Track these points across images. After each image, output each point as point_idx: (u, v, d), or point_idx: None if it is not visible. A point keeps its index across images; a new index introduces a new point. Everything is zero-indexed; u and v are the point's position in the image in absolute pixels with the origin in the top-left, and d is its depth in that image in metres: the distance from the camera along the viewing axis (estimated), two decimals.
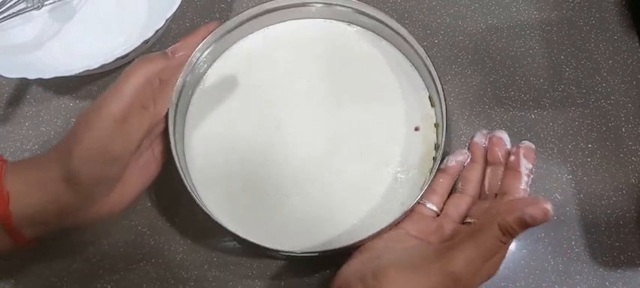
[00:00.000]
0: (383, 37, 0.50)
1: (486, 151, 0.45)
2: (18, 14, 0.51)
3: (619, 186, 0.48)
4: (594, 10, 0.54)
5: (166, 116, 0.43)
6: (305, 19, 0.51)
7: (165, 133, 0.44)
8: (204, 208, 0.42)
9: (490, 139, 0.45)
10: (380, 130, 0.48)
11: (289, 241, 0.44)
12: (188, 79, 0.46)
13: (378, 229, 0.41)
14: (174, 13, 0.47)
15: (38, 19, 0.54)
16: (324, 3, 0.50)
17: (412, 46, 0.48)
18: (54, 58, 0.52)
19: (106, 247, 0.47)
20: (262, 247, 0.42)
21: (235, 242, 0.46)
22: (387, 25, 0.49)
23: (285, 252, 0.43)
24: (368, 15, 0.49)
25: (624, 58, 0.52)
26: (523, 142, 0.43)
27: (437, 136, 0.47)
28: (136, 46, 0.46)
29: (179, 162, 0.44)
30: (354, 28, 0.51)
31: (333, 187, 0.46)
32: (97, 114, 0.38)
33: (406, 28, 0.48)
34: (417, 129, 0.47)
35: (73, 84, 0.52)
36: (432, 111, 0.48)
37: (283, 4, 0.49)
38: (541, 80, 0.52)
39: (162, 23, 0.46)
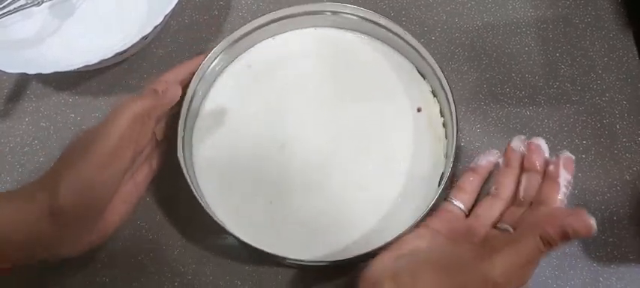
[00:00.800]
0: (383, 41, 0.51)
1: (523, 156, 0.44)
2: (18, 10, 0.51)
3: (613, 182, 0.48)
4: (590, 7, 0.54)
5: (173, 126, 0.44)
6: (308, 28, 0.52)
7: (173, 137, 0.45)
8: (214, 217, 0.43)
9: (528, 145, 0.44)
10: (387, 130, 0.49)
11: (298, 249, 0.44)
12: (198, 87, 0.47)
13: (394, 236, 0.42)
14: (173, 9, 0.48)
15: (38, 15, 0.54)
16: (331, 11, 0.50)
17: (413, 46, 0.49)
18: (54, 54, 0.53)
19: (105, 241, 0.47)
20: (272, 254, 0.43)
21: (235, 240, 0.46)
22: (386, 28, 0.50)
23: (294, 260, 0.43)
24: (369, 20, 0.50)
25: (619, 56, 0.53)
26: (563, 152, 0.42)
27: (445, 130, 0.48)
28: (134, 41, 0.46)
29: (186, 167, 0.45)
30: (356, 35, 0.52)
31: (343, 191, 0.47)
32: (85, 154, 0.38)
33: (402, 25, 0.49)
34: (419, 110, 0.48)
35: (73, 79, 0.53)
36: (435, 104, 0.49)
37: (288, 14, 0.50)
38: (536, 77, 0.52)
39: (161, 19, 0.46)
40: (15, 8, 0.51)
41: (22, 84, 0.53)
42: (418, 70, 0.50)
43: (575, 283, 0.46)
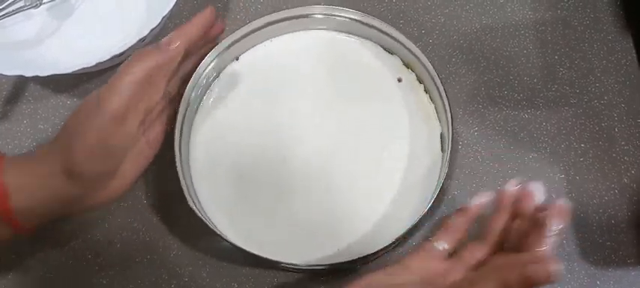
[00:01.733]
0: (377, 43, 0.51)
1: (515, 201, 0.42)
2: (17, 12, 0.51)
3: (611, 186, 0.48)
4: (588, 10, 0.54)
5: (172, 114, 0.45)
6: (306, 31, 0.52)
7: (170, 138, 0.45)
8: (206, 220, 0.44)
9: (521, 190, 0.42)
10: (383, 132, 0.49)
11: (293, 253, 0.44)
12: (194, 91, 0.47)
13: (389, 241, 0.42)
14: (171, 10, 0.48)
15: (37, 16, 0.54)
16: (323, 14, 0.50)
17: (408, 48, 0.49)
18: (53, 55, 0.53)
19: (102, 242, 0.47)
20: (266, 258, 0.43)
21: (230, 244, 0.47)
22: (379, 30, 0.50)
23: (289, 264, 0.44)
24: (366, 24, 0.50)
25: (618, 59, 0.52)
26: (559, 199, 0.40)
27: (441, 131, 0.48)
28: (132, 44, 0.46)
29: (182, 170, 0.45)
30: (352, 37, 0.52)
31: (339, 194, 0.47)
32: (97, 110, 0.39)
33: (400, 28, 0.49)
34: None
35: (71, 82, 0.53)
36: (431, 108, 0.49)
37: (285, 16, 0.50)
38: (535, 80, 0.52)
39: (158, 21, 0.46)
40: (13, 10, 0.51)
41: (20, 86, 0.53)
42: (416, 75, 0.50)
43: (573, 286, 0.46)
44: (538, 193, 0.41)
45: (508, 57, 0.53)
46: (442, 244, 0.41)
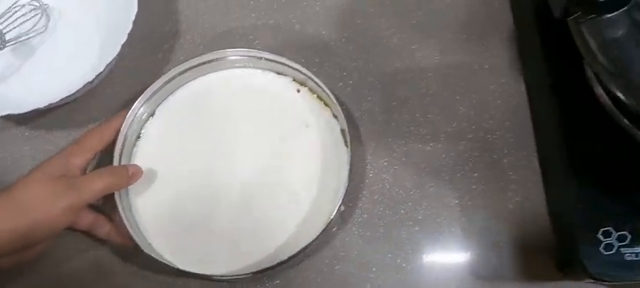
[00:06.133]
0: (295, 80, 0.59)
1: None
2: None
3: (498, 211, 0.56)
4: (488, 56, 0.62)
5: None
6: (231, 69, 0.59)
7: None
8: (137, 240, 0.51)
9: None
10: (298, 162, 0.56)
11: (221, 265, 0.52)
12: (129, 130, 0.55)
13: (305, 244, 0.50)
14: (119, 53, 0.54)
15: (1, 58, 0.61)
16: (248, 56, 0.58)
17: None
18: (15, 94, 0.59)
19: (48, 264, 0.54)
20: (199, 274, 0.50)
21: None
22: (297, 70, 0.57)
23: (219, 277, 0.51)
24: (288, 66, 0.58)
25: (511, 99, 0.60)
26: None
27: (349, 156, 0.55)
28: (78, 88, 0.53)
29: (120, 193, 0.52)
30: (273, 75, 0.59)
31: (261, 211, 0.54)
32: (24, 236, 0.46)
33: (325, 70, 0.57)
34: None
35: (30, 114, 0.59)
36: (341, 140, 0.56)
37: (210, 59, 0.58)
38: (438, 117, 0.59)
39: (103, 68, 0.53)
40: None
41: None
42: (331, 110, 0.57)
43: None
44: None
45: (415, 96, 0.60)
46: None
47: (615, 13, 0.38)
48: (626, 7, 0.37)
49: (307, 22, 0.64)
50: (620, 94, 0.40)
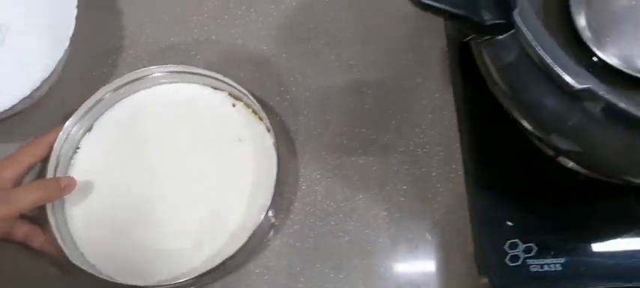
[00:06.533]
0: (233, 96, 0.61)
1: None
2: None
3: (424, 222, 0.58)
4: (421, 71, 0.64)
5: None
6: (168, 85, 0.61)
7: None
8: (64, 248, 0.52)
9: None
10: (231, 175, 0.58)
11: (159, 273, 0.53)
12: (63, 146, 0.56)
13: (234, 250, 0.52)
14: (51, 74, 0.56)
15: None
16: (184, 72, 0.60)
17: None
18: None
19: None
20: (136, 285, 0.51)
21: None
22: (235, 88, 0.59)
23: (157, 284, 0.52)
24: (223, 81, 0.60)
25: (441, 115, 0.62)
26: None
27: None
28: (15, 103, 0.55)
29: (53, 207, 0.53)
30: (212, 91, 0.61)
31: (189, 227, 0.56)
32: None
33: (264, 84, 0.59)
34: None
35: None
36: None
37: (145, 74, 0.60)
38: (370, 131, 0.61)
39: (38, 85, 0.55)
40: None
41: None
42: (264, 124, 0.59)
43: None
44: None
45: (350, 111, 0.62)
46: None
47: (505, 35, 0.40)
48: (512, 31, 0.39)
49: (249, 37, 0.66)
50: (517, 117, 0.42)
